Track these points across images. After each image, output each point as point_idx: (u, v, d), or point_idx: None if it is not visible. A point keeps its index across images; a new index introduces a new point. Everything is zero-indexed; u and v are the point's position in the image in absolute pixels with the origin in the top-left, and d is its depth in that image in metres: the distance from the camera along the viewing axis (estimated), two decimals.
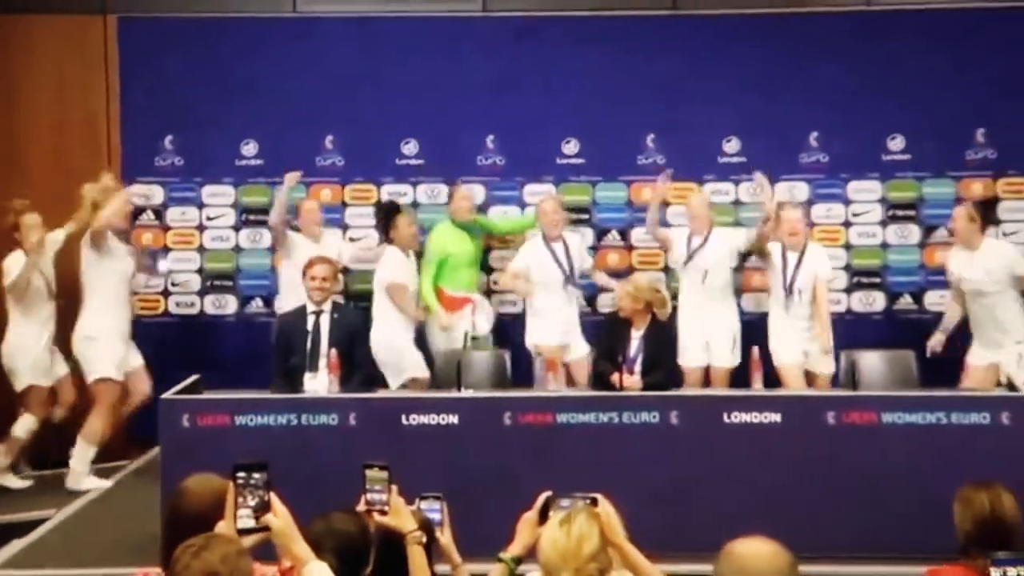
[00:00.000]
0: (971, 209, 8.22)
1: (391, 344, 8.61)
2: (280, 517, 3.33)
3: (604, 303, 9.40)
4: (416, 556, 3.91)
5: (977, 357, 8.15)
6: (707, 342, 8.61)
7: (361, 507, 3.99)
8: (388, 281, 8.70)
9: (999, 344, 8.05)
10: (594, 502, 3.81)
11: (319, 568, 3.35)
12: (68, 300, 8.65)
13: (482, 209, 9.55)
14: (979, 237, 8.15)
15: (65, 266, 8.70)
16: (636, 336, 7.72)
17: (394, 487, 3.97)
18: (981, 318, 8.16)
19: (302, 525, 3.52)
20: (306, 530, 3.59)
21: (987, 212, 8.22)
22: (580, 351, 8.78)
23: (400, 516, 3.97)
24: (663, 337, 7.81)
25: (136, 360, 8.76)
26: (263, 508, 3.31)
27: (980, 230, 8.16)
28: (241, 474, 3.31)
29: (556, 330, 8.74)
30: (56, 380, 8.72)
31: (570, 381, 8.40)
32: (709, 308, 8.63)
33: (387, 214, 9.04)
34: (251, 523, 3.29)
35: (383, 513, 3.95)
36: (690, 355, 8.55)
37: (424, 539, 3.96)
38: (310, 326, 7.77)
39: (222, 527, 3.29)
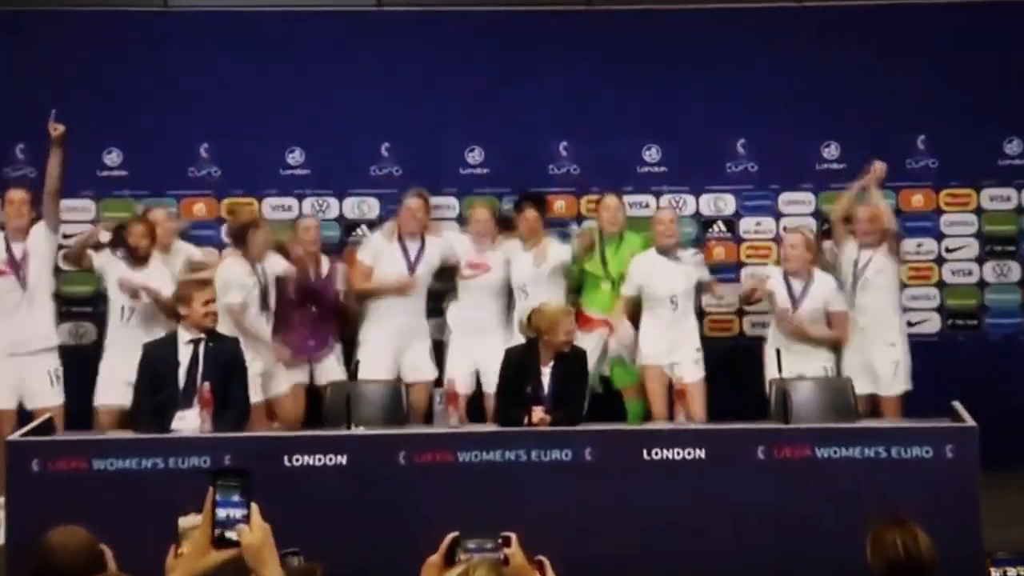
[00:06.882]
0: None
1: None
2: (257, 532, 3.26)
3: None
4: None
5: None
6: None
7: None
8: None
9: None
10: (506, 541, 3.70)
11: None
12: None
13: (372, 225, 9.44)
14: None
15: None
16: (546, 371, 7.64)
17: None
18: None
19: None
20: None
21: None
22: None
23: None
24: (575, 369, 7.73)
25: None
26: (242, 519, 3.26)
27: None
28: (220, 482, 3.26)
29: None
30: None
31: None
32: None
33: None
34: (231, 535, 3.24)
35: None
36: None
37: None
38: (185, 357, 7.53)
39: (197, 536, 3.27)
